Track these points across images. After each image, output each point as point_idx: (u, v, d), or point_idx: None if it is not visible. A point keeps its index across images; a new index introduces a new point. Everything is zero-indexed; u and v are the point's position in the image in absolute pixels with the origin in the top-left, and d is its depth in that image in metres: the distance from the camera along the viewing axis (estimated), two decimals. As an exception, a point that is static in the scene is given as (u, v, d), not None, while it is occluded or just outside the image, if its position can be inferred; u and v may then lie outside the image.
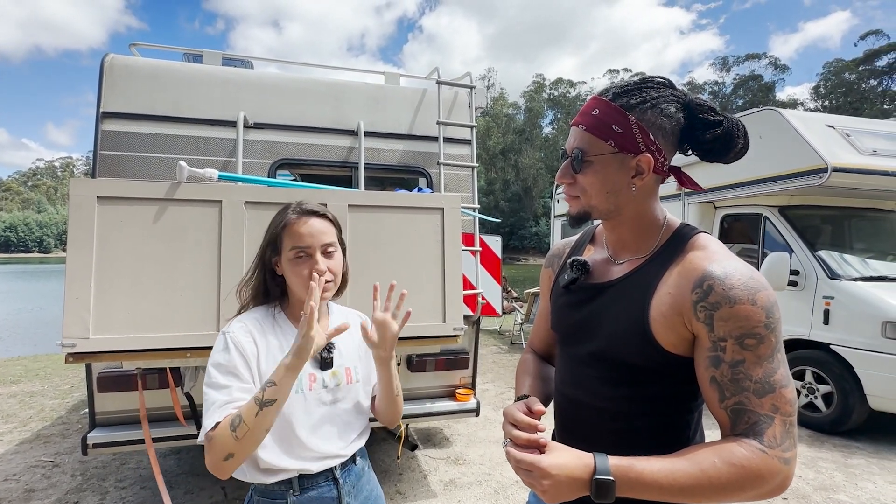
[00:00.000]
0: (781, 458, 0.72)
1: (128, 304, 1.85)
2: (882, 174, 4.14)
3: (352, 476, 1.19)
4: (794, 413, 0.75)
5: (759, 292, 0.75)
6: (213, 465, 0.96)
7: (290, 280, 1.13)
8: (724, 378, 0.76)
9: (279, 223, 1.13)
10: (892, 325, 3.74)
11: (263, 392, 0.97)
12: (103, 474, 3.28)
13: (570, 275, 0.98)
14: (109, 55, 2.67)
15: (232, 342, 1.05)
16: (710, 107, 0.85)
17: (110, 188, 1.87)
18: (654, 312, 0.82)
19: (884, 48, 46.07)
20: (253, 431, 0.95)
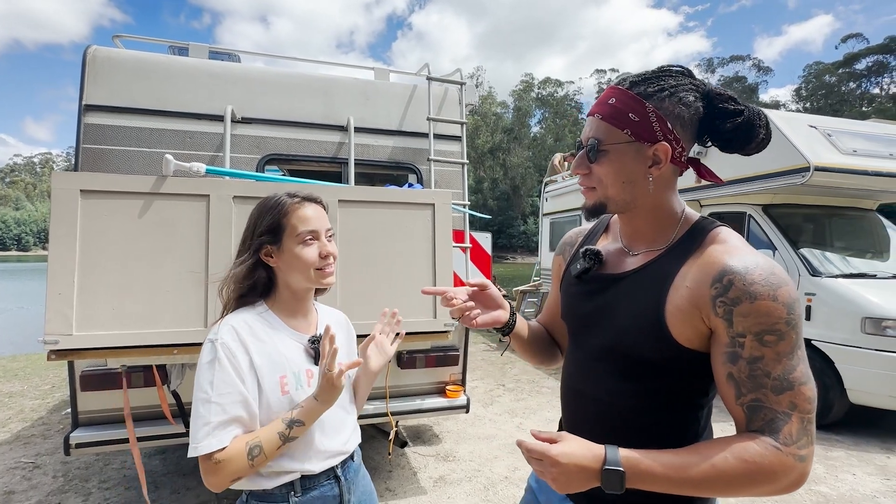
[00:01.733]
0: (796, 455, 0.71)
1: (112, 300, 1.81)
2: (861, 174, 4.24)
3: (350, 473, 1.18)
4: (812, 410, 0.73)
5: (780, 288, 0.73)
6: (217, 485, 0.96)
7: (295, 265, 1.08)
8: (742, 375, 0.75)
9: (279, 210, 1.09)
10: (871, 321, 3.84)
11: (290, 429, 1.00)
12: (86, 475, 3.22)
13: (583, 264, 0.96)
14: (92, 47, 2.61)
15: (223, 352, 1.00)
16: (730, 96, 0.84)
17: (94, 182, 1.83)
18: (670, 306, 0.80)
19: (863, 52, 47.15)
20: (268, 460, 0.99)
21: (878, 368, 3.77)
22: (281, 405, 1.04)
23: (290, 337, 1.11)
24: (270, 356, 1.05)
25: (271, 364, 1.05)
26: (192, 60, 2.82)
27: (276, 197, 1.12)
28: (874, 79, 47.59)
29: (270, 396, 1.03)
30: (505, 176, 52.84)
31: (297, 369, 1.08)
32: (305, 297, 1.17)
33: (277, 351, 1.07)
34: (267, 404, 1.03)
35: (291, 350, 1.10)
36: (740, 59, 57.36)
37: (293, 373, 1.07)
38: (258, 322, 1.09)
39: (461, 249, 2.95)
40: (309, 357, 1.13)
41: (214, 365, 0.98)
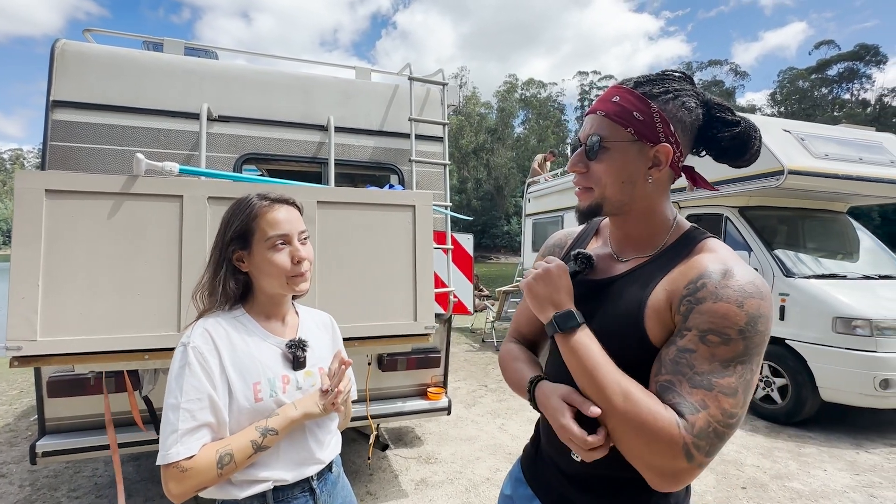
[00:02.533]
0: (690, 444, 0.68)
1: (80, 305, 1.75)
2: (833, 177, 4.37)
3: (328, 485, 1.14)
4: (724, 424, 0.69)
5: (751, 298, 0.72)
6: (180, 495, 0.92)
7: (266, 271, 1.05)
8: (668, 357, 0.74)
9: (248, 213, 1.06)
10: (841, 321, 3.95)
11: (263, 438, 0.98)
12: (55, 484, 3.11)
13: (574, 267, 0.95)
14: (61, 41, 2.52)
15: (194, 357, 0.97)
16: (727, 106, 0.84)
17: (60, 181, 1.76)
18: (648, 310, 0.80)
19: (834, 58, 48.68)
20: (238, 469, 0.96)
21: (848, 367, 3.88)
22: (254, 412, 1.01)
23: (266, 341, 1.08)
24: (244, 361, 1.03)
25: (245, 370, 1.02)
26: (166, 56, 2.74)
27: (246, 199, 1.08)
28: (845, 84, 49.18)
29: (243, 403, 1.00)
30: (489, 176, 53.03)
31: (273, 375, 1.06)
32: (282, 300, 1.14)
33: (252, 356, 1.04)
34: (238, 410, 1.00)
35: (267, 355, 1.07)
36: (718, 64, 58.66)
37: (268, 379, 1.04)
38: (233, 326, 1.06)
39: (443, 251, 2.93)
40: (286, 362, 1.10)
41: (185, 370, 0.96)
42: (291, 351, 1.09)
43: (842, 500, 3.03)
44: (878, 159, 4.75)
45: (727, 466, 3.46)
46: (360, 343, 2.14)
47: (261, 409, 1.02)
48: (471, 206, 48.83)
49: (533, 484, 1.02)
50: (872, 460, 3.60)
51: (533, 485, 1.02)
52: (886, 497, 3.06)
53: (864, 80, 48.25)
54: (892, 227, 36.32)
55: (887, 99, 46.36)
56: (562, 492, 0.94)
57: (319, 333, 1.22)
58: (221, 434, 0.98)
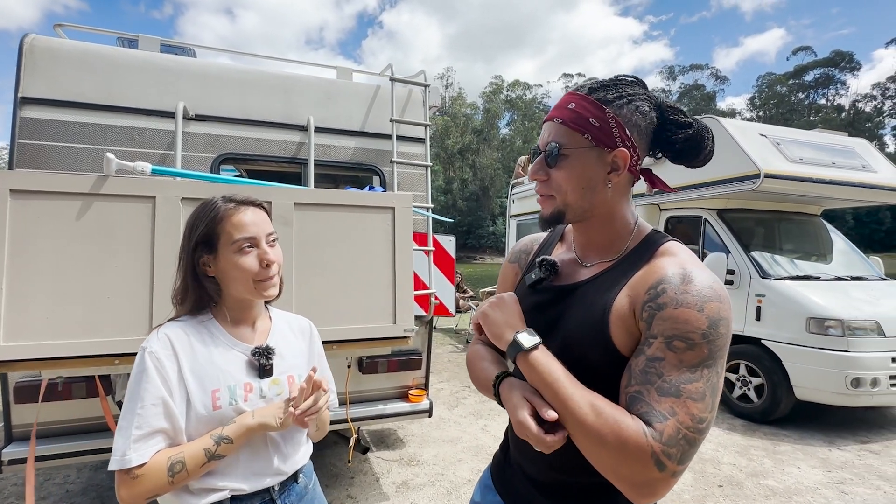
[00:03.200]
0: (660, 452, 0.67)
1: (47, 308, 1.69)
2: (807, 181, 4.47)
3: (292, 496, 1.11)
4: (694, 430, 0.69)
5: (710, 302, 0.73)
6: (131, 498, 0.91)
7: (233, 275, 1.03)
8: (637, 368, 0.74)
9: (212, 216, 1.03)
10: (815, 321, 4.05)
11: (217, 446, 0.96)
12: (23, 492, 3.01)
13: (538, 274, 0.95)
14: (30, 35, 2.45)
15: (151, 362, 0.96)
16: (679, 109, 0.86)
17: (26, 181, 1.70)
18: (612, 315, 0.80)
19: (811, 64, 49.95)
20: (191, 477, 0.94)
21: (821, 366, 3.98)
22: (212, 420, 0.99)
23: (231, 348, 1.06)
24: (205, 368, 1.00)
25: (205, 376, 1.00)
26: (141, 53, 2.68)
27: (210, 202, 1.06)
28: (821, 90, 50.51)
29: (200, 410, 0.98)
30: (474, 177, 53.17)
31: (234, 382, 1.03)
32: (251, 305, 1.11)
33: (213, 363, 1.01)
34: (197, 418, 0.98)
35: (230, 362, 1.04)
36: (699, 68, 59.72)
37: (228, 386, 1.02)
38: (197, 331, 1.03)
39: (424, 252, 2.92)
40: (251, 369, 1.07)
41: (141, 375, 0.95)
42: (256, 358, 1.06)
43: (814, 496, 3.10)
44: (850, 163, 4.88)
45: (704, 465, 3.52)
46: (339, 346, 2.12)
47: (220, 417, 0.99)
48: (456, 206, 48.90)
49: (501, 491, 1.02)
50: (844, 457, 3.70)
51: (501, 492, 1.02)
52: (856, 493, 3.14)
53: (838, 86, 49.63)
54: (865, 229, 37.39)
55: (860, 104, 47.78)
56: (529, 499, 0.94)
57: (294, 339, 1.19)
58: (177, 440, 0.96)
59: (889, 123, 47.12)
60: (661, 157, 0.90)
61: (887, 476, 3.38)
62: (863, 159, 5.04)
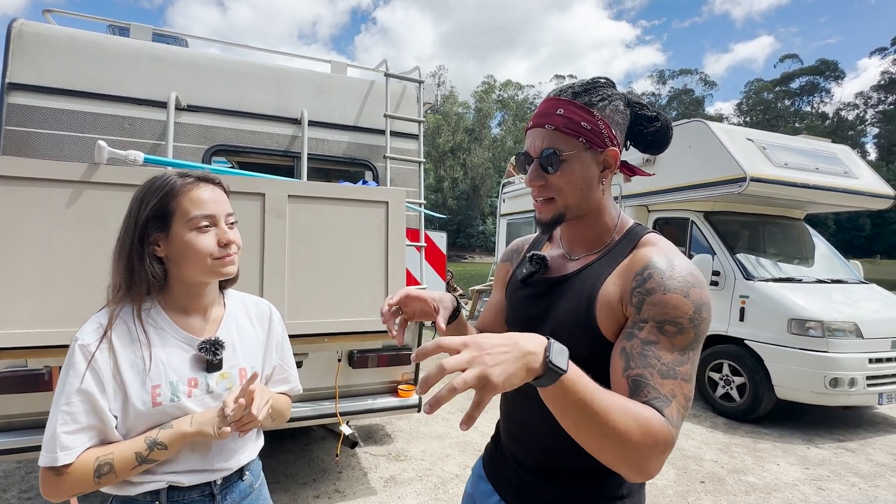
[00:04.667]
0: (674, 436, 0.71)
1: (34, 297, 1.67)
2: (791, 185, 4.58)
3: (234, 494, 1.05)
4: (687, 408, 0.74)
5: (694, 288, 0.77)
6: (54, 497, 0.88)
7: (187, 256, 0.94)
8: (634, 350, 0.76)
9: (166, 191, 0.94)
10: (796, 322, 4.15)
11: (150, 451, 0.90)
12: (5, 485, 2.97)
13: (529, 268, 0.99)
14: (19, 20, 2.40)
15: (80, 354, 0.89)
16: (645, 104, 0.92)
17: (14, 167, 1.68)
18: (599, 303, 0.84)
19: (797, 72, 50.89)
20: (119, 479, 0.90)
21: (801, 366, 4.08)
22: (151, 417, 0.93)
23: (176, 339, 0.98)
24: (144, 361, 0.93)
25: (143, 371, 0.93)
26: (133, 41, 2.65)
27: (163, 177, 0.96)
28: (806, 97, 51.50)
29: (139, 406, 0.92)
30: (465, 176, 53.24)
31: (177, 378, 0.96)
32: (203, 292, 1.02)
33: (154, 356, 0.94)
34: (135, 414, 0.92)
35: (174, 356, 0.97)
36: (688, 73, 60.47)
37: (170, 382, 0.95)
38: (134, 320, 0.94)
39: (416, 248, 2.93)
40: (197, 364, 0.99)
41: (69, 369, 0.88)
42: (202, 353, 0.99)
43: (792, 492, 3.18)
44: (833, 169, 5.00)
45: (687, 462, 3.58)
46: (331, 338, 2.13)
47: (160, 413, 0.94)
48: (447, 205, 48.92)
49: (493, 479, 1.04)
50: (822, 455, 3.80)
51: (493, 480, 1.04)
52: (833, 489, 3.23)
53: (823, 94, 50.64)
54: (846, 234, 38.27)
55: (844, 113, 48.77)
56: (519, 485, 0.96)
57: (249, 328, 1.11)
58: (108, 436, 0.91)
59: (871, 132, 48.21)
60: (630, 149, 0.95)
61: (862, 473, 3.48)
62: (845, 165, 5.17)
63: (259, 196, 2.03)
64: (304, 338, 2.13)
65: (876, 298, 4.70)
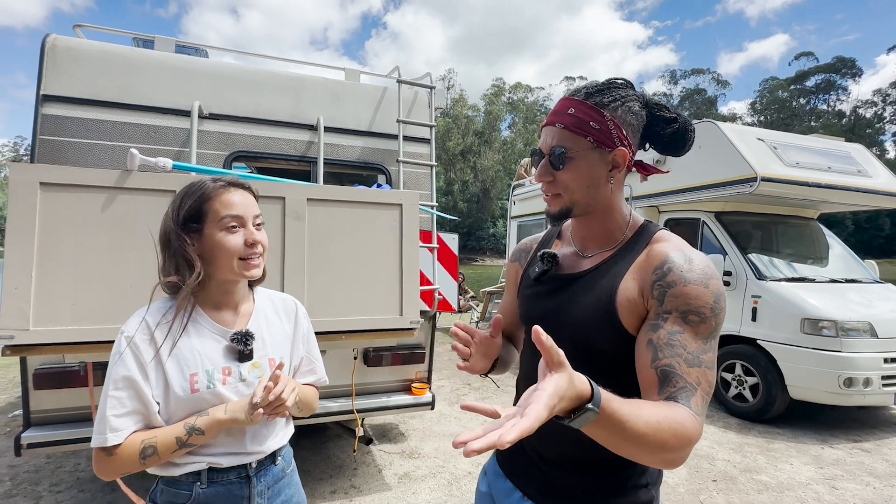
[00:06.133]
0: (702, 426, 0.75)
1: (72, 295, 1.78)
2: (803, 185, 4.56)
3: (268, 477, 1.13)
4: (709, 394, 0.78)
5: (712, 279, 0.82)
6: (106, 476, 0.97)
7: (217, 254, 1.02)
8: (661, 341, 0.80)
9: (200, 194, 1.03)
10: (809, 322, 4.13)
11: (189, 436, 0.98)
12: (36, 479, 3.10)
13: (541, 266, 1.01)
14: (52, 35, 2.54)
15: (125, 345, 0.97)
16: (665, 105, 0.94)
17: (54, 174, 1.79)
18: (620, 298, 0.86)
19: (812, 70, 50.10)
20: (162, 461, 0.98)
21: (815, 366, 4.06)
22: (190, 403, 1.01)
23: (211, 331, 1.06)
24: (182, 351, 1.01)
25: (182, 360, 1.01)
26: (157, 53, 2.77)
27: (198, 182, 1.05)
28: (822, 95, 50.64)
29: (179, 393, 1.00)
30: (475, 178, 53.30)
31: (212, 367, 1.04)
32: (233, 288, 1.10)
33: (191, 347, 1.02)
34: (175, 400, 1.00)
35: (209, 346, 1.05)
36: (701, 73, 59.88)
37: (206, 371, 1.03)
38: (174, 314, 1.03)
39: (428, 249, 3.01)
40: (230, 354, 1.07)
41: (116, 358, 0.97)
42: (234, 344, 1.06)
43: (805, 491, 3.18)
44: (846, 168, 4.97)
45: (699, 461, 3.60)
46: (348, 336, 2.21)
47: (199, 400, 1.01)
48: (457, 207, 48.98)
49: (512, 476, 1.05)
50: (836, 455, 3.78)
51: (512, 477, 1.05)
52: (847, 488, 3.22)
53: (840, 92, 49.77)
54: (865, 235, 37.47)
55: (861, 110, 47.86)
56: (542, 479, 0.98)
57: (277, 322, 1.19)
58: (152, 421, 0.99)
59: (889, 129, 47.24)
60: (648, 149, 0.98)
61: (878, 473, 3.46)
62: (859, 164, 5.13)
63: (279, 199, 2.13)
64: (322, 335, 2.21)
65: (891, 298, 4.66)
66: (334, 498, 2.90)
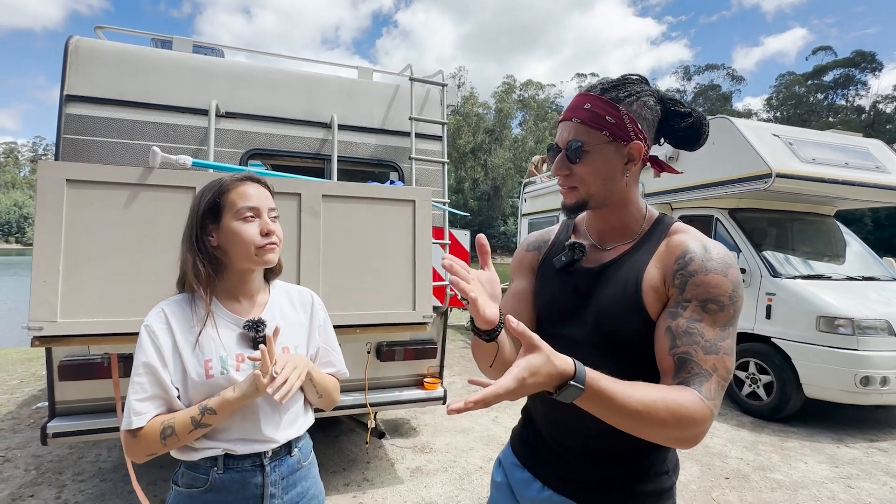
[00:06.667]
0: (711, 410, 0.79)
1: (97, 289, 1.84)
2: (819, 181, 4.49)
3: (283, 468, 1.15)
4: (728, 380, 0.82)
5: (731, 268, 0.86)
6: (134, 458, 1.03)
7: (234, 242, 1.07)
8: (679, 329, 0.83)
9: (218, 187, 1.09)
10: (825, 320, 4.08)
11: (202, 416, 1.02)
12: (59, 468, 3.19)
13: (570, 255, 1.02)
14: (74, 37, 2.61)
15: (147, 335, 1.04)
16: (679, 100, 0.96)
17: (80, 171, 1.85)
18: (645, 287, 0.90)
19: (830, 64, 49.08)
20: (182, 441, 1.03)
21: (831, 364, 4.02)
22: (206, 388, 1.06)
23: (226, 320, 1.11)
24: (198, 339, 1.06)
25: (197, 347, 1.06)
26: (176, 54, 2.84)
27: (217, 178, 1.13)
28: (840, 91, 49.60)
29: (195, 378, 1.05)
30: (486, 176, 53.19)
31: (226, 353, 1.08)
32: (250, 278, 1.15)
33: (206, 334, 1.07)
34: (193, 385, 1.05)
35: (223, 333, 1.09)
36: (715, 68, 59.02)
37: (220, 357, 1.07)
38: (194, 306, 1.09)
39: (440, 246, 3.04)
40: (243, 341, 1.11)
41: (139, 347, 1.03)
42: (247, 330, 1.10)
43: (820, 490, 3.16)
44: (863, 164, 4.89)
45: (712, 458, 3.58)
46: (362, 330, 2.24)
47: (214, 385, 1.06)
48: (468, 205, 48.96)
49: (530, 466, 1.06)
50: (852, 454, 3.74)
51: (530, 467, 1.06)
52: (863, 488, 3.19)
53: (859, 87, 48.69)
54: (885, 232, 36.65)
55: (881, 105, 46.80)
56: (562, 469, 1.00)
57: (292, 312, 1.22)
58: (174, 405, 1.05)
59: (911, 125, 46.12)
60: (663, 144, 1.00)
61: (895, 472, 3.42)
62: (878, 160, 5.04)
63: (296, 196, 2.17)
64: (337, 329, 2.25)
65: (910, 296, 4.58)
66: (348, 490, 2.95)
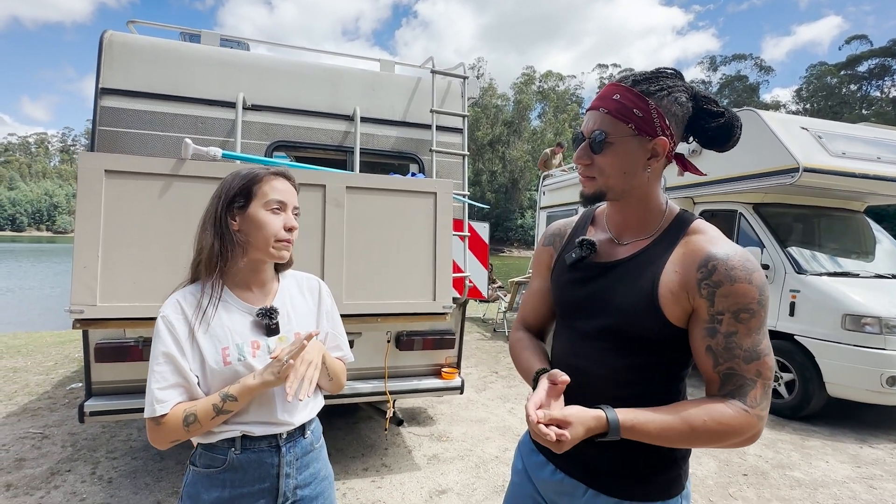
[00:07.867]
0: (759, 416, 0.84)
1: (133, 275, 1.93)
2: (849, 175, 4.37)
3: (297, 449, 1.19)
4: (772, 378, 0.86)
5: (754, 272, 0.85)
6: (158, 444, 1.06)
7: (257, 228, 1.10)
8: (719, 347, 0.86)
9: (252, 176, 1.13)
10: (851, 318, 4.00)
11: (223, 402, 1.05)
12: (94, 446, 3.35)
13: (579, 252, 1.02)
14: (108, 32, 2.70)
15: (163, 325, 1.06)
16: (713, 98, 0.93)
17: (118, 162, 1.94)
18: (662, 289, 0.89)
19: (865, 54, 47.18)
20: (204, 428, 1.06)
21: (856, 363, 3.93)
22: (224, 375, 1.09)
23: (238, 308, 1.14)
24: (214, 328, 1.09)
25: (215, 336, 1.09)
26: (204, 47, 2.91)
27: (249, 168, 1.16)
28: (875, 81, 47.68)
29: (213, 366, 1.08)
30: (504, 169, 52.85)
31: (242, 341, 1.11)
32: (261, 267, 1.18)
33: (221, 322, 1.10)
34: (211, 373, 1.08)
35: (237, 321, 1.13)
36: (742, 58, 57.31)
37: (236, 344, 1.10)
38: (207, 294, 1.11)
39: (460, 237, 3.06)
40: (257, 328, 1.14)
41: (157, 337, 1.06)
42: (260, 319, 1.14)
43: (841, 489, 3.12)
44: (897, 158, 4.73)
45: (730, 454, 3.56)
46: (383, 319, 2.30)
47: (232, 372, 1.09)
48: (485, 198, 48.76)
49: (544, 450, 1.07)
50: (875, 454, 3.67)
51: (544, 450, 1.07)
52: (886, 488, 3.14)
53: (895, 77, 46.71)
54: (918, 229, 35.34)
55: (919, 97, 44.86)
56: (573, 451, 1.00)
57: (300, 299, 1.26)
58: (193, 392, 1.08)
59: (950, 118, 44.12)
60: (691, 142, 0.99)
61: (920, 474, 3.35)
62: (912, 154, 4.87)
63: (320, 187, 2.23)
64: (360, 317, 2.32)
65: (942, 295, 4.44)
66: (367, 475, 3.03)
